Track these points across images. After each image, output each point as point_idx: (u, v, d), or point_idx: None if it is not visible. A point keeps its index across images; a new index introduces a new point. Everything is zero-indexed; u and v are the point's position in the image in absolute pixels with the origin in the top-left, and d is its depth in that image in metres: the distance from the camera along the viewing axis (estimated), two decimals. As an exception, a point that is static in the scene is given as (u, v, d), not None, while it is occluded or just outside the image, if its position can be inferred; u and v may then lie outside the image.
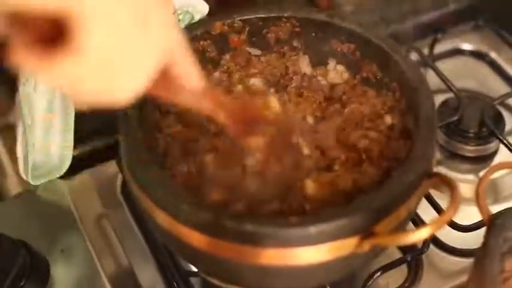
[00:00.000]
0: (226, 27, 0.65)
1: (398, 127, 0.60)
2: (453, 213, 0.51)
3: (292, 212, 0.54)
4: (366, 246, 0.51)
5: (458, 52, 0.88)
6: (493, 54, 0.87)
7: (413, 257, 0.65)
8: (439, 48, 0.87)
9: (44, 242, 0.67)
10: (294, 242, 0.50)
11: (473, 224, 0.67)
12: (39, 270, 0.65)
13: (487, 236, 0.55)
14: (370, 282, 0.63)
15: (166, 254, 0.66)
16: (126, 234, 0.70)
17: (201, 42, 0.65)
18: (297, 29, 0.66)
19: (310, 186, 0.56)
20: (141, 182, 0.54)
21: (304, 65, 0.66)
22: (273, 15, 0.65)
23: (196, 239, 0.52)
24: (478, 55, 0.88)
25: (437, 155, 0.75)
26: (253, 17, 0.65)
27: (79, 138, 0.77)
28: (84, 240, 0.68)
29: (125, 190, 0.73)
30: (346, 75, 0.66)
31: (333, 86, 0.65)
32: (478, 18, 0.89)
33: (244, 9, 0.65)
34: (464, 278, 0.65)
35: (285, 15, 0.65)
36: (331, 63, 0.66)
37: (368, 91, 0.64)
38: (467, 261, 0.67)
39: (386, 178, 0.55)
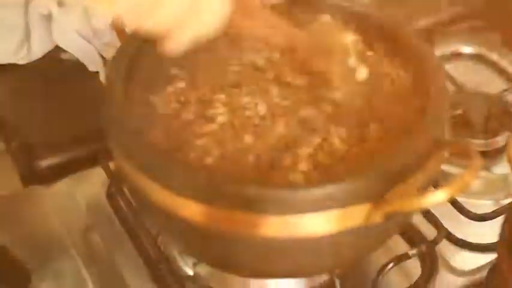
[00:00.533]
0: None
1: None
2: (472, 176, 0.46)
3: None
4: (378, 215, 0.46)
5: (457, 56, 0.86)
6: (493, 56, 0.85)
7: (426, 248, 0.61)
8: (438, 53, 0.84)
9: (25, 249, 0.63)
10: (299, 206, 0.45)
11: (489, 213, 0.64)
12: (18, 278, 0.60)
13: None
14: (382, 275, 0.59)
15: (159, 259, 0.61)
16: (113, 241, 0.65)
17: None
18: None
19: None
20: (128, 151, 0.50)
21: None
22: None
23: (190, 210, 0.47)
24: (477, 57, 0.86)
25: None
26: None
27: (62, 145, 0.74)
28: (68, 248, 0.64)
29: (111, 196, 0.68)
30: None
31: None
32: (475, 21, 0.88)
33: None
34: (482, 273, 0.61)
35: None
36: None
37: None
38: (483, 256, 0.63)
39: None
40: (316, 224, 0.46)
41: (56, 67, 0.79)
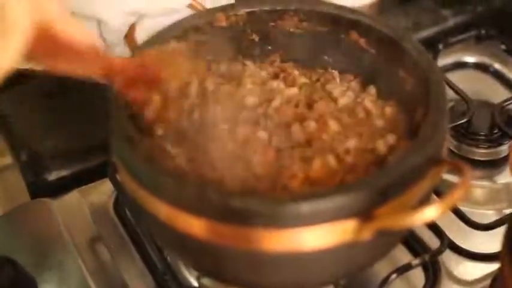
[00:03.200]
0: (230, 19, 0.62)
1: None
2: (462, 194, 0.46)
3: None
4: (367, 232, 0.46)
5: (461, 65, 0.86)
6: (497, 65, 0.85)
7: (430, 258, 0.61)
8: (442, 62, 0.85)
9: (31, 260, 0.63)
10: (285, 221, 0.46)
11: (492, 222, 0.64)
12: None
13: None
14: (385, 286, 0.59)
15: (164, 270, 0.61)
16: (120, 253, 0.65)
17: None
18: (304, 23, 0.63)
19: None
20: (126, 164, 0.51)
21: None
22: (279, 8, 0.63)
23: (184, 222, 0.48)
24: (481, 67, 0.86)
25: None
26: (257, 9, 0.63)
27: (70, 157, 0.75)
28: (76, 259, 0.64)
29: (118, 208, 0.69)
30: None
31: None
32: (478, 31, 0.88)
33: (249, 2, 0.63)
34: (485, 283, 0.62)
35: (292, 8, 0.63)
36: None
37: None
38: (486, 266, 0.63)
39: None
40: (305, 238, 0.46)
41: (65, 78, 0.80)
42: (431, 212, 0.46)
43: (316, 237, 0.46)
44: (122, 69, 0.50)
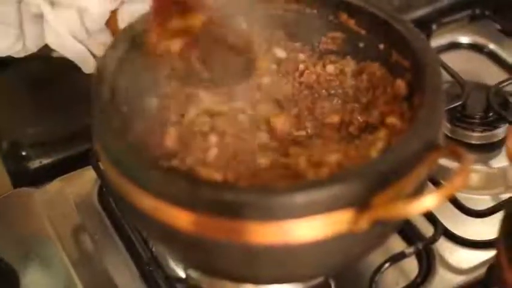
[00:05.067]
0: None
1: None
2: (462, 181, 0.44)
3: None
4: (363, 222, 0.44)
5: (455, 46, 0.84)
6: (492, 46, 0.83)
7: (424, 246, 0.60)
8: (436, 43, 0.83)
9: (13, 251, 0.62)
10: (279, 213, 0.44)
11: (487, 208, 0.62)
12: (7, 281, 0.60)
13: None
14: (377, 276, 0.57)
15: (150, 261, 0.60)
16: (105, 243, 0.64)
17: None
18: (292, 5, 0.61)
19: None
20: (110, 153, 0.49)
21: None
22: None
23: (172, 215, 0.46)
24: (476, 47, 0.84)
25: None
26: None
27: (52, 145, 0.73)
28: (59, 250, 0.63)
29: (102, 197, 0.67)
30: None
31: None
32: (473, 11, 0.86)
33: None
34: (480, 271, 0.60)
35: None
36: None
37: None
38: (482, 253, 0.61)
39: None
40: (299, 230, 0.45)
41: (46, 65, 0.78)
42: (430, 201, 0.44)
43: (311, 228, 0.45)
44: None
